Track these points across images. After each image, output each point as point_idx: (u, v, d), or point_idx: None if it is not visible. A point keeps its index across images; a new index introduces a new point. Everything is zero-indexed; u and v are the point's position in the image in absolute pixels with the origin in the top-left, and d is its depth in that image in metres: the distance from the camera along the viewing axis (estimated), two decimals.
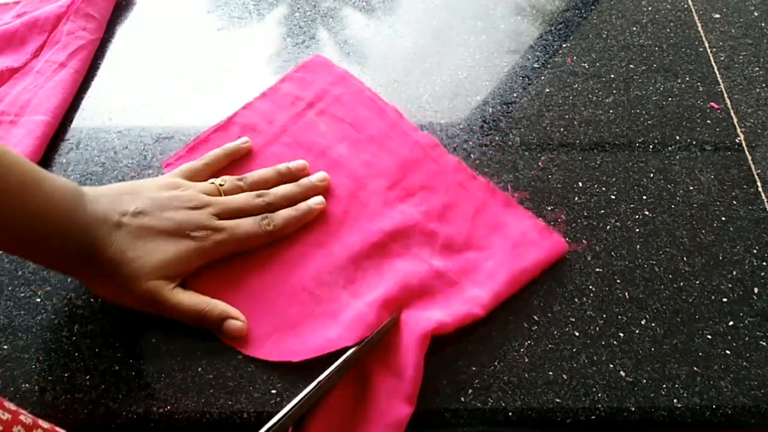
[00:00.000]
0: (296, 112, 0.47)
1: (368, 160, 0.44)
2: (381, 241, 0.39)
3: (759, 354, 0.35)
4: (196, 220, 0.36)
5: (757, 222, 0.41)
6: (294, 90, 0.49)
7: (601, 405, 0.34)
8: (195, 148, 0.45)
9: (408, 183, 0.43)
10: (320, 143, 0.45)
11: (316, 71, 0.50)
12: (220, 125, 0.47)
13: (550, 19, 0.56)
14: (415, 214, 0.41)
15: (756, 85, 0.50)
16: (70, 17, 0.53)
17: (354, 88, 0.48)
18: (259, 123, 0.47)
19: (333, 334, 0.35)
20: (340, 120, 0.46)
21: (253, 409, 0.34)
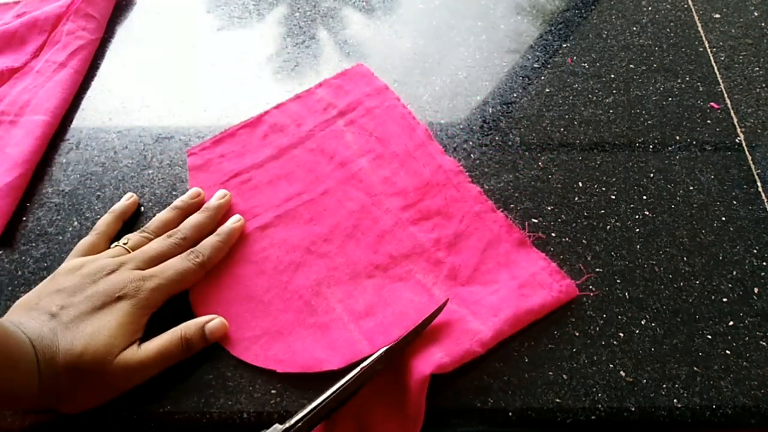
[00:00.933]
0: (326, 118, 0.47)
1: (388, 176, 0.43)
2: (385, 262, 0.39)
3: (759, 354, 0.35)
4: (120, 280, 0.34)
5: (757, 222, 0.41)
6: (329, 96, 0.48)
7: (601, 405, 0.34)
8: (221, 141, 0.46)
9: (424, 206, 0.42)
10: (343, 153, 0.45)
11: (354, 80, 0.49)
12: (249, 122, 0.47)
13: (550, 19, 0.56)
14: (425, 240, 0.40)
15: (756, 85, 0.50)
16: (70, 17, 0.53)
17: (389, 103, 0.47)
18: (288, 124, 0.47)
19: (321, 354, 0.35)
20: (367, 133, 0.46)
21: (253, 409, 0.34)
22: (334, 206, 0.42)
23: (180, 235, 0.38)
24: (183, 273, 0.36)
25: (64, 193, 0.44)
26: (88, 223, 0.42)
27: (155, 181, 0.44)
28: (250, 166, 0.45)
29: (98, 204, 0.43)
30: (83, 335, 0.32)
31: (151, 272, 0.35)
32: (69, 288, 0.34)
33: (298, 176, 0.44)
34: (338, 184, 0.43)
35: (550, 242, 0.41)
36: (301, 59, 0.53)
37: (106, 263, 0.36)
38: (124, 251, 0.37)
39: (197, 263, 0.37)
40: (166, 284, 0.35)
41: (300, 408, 0.32)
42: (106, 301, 0.34)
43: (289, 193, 0.43)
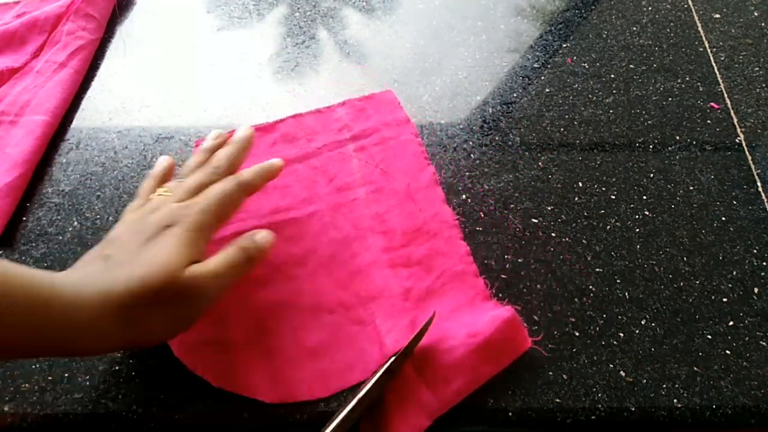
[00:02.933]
0: (338, 139, 0.46)
1: (380, 213, 0.42)
2: (351, 301, 0.38)
3: (759, 354, 0.35)
4: (165, 212, 0.34)
5: (757, 222, 0.41)
6: (347, 117, 0.47)
7: (601, 405, 0.34)
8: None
9: (407, 252, 0.40)
10: (343, 179, 0.44)
11: (378, 106, 0.48)
12: (262, 126, 0.47)
13: (550, 19, 0.56)
14: (397, 286, 0.38)
15: (756, 85, 0.50)
16: (70, 17, 0.53)
17: (405, 137, 0.46)
18: (299, 138, 0.46)
19: (258, 381, 0.34)
20: (374, 163, 0.44)
21: (253, 409, 0.34)
22: (317, 230, 0.41)
23: (213, 165, 0.38)
24: (226, 192, 0.35)
25: (64, 193, 0.44)
26: (88, 223, 0.42)
27: None
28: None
29: (98, 204, 0.43)
30: (141, 262, 0.31)
31: (194, 199, 0.35)
32: (118, 233, 0.34)
33: (292, 191, 0.43)
34: (328, 208, 0.42)
35: (550, 242, 0.41)
36: (301, 59, 0.53)
37: (149, 206, 0.35)
38: (165, 198, 0.37)
39: (236, 182, 0.36)
40: (213, 203, 0.35)
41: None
42: (156, 231, 0.33)
43: (277, 206, 0.42)
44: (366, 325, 0.37)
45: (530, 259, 0.40)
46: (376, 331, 0.36)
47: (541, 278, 0.39)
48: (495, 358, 0.34)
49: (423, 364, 0.34)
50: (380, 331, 0.36)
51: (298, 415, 0.33)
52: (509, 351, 0.35)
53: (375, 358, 0.35)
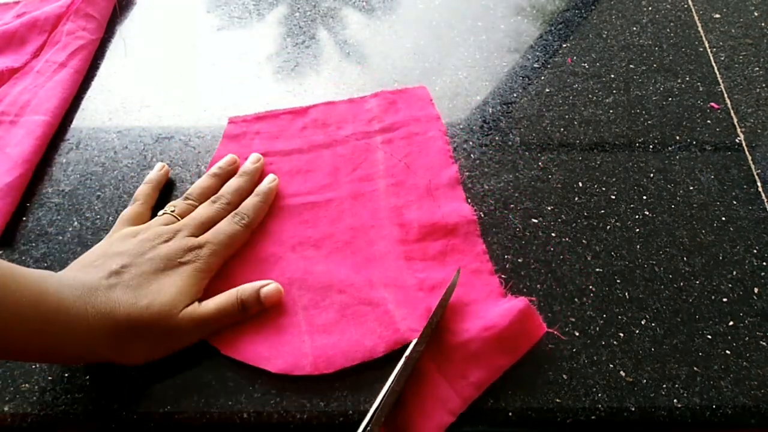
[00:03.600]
0: (366, 130, 0.46)
1: (399, 206, 0.42)
2: (361, 285, 0.38)
3: (759, 354, 0.35)
4: (179, 246, 0.36)
5: (758, 222, 0.41)
6: (378, 109, 0.48)
7: (601, 405, 0.34)
8: (262, 119, 0.47)
9: (422, 246, 0.40)
10: (367, 169, 0.44)
11: (410, 101, 0.48)
12: (295, 109, 0.48)
13: (550, 19, 0.56)
14: (410, 277, 0.38)
15: (756, 85, 0.50)
16: (70, 17, 0.53)
17: (433, 133, 0.46)
18: (330, 124, 0.47)
19: (266, 352, 0.35)
20: (399, 157, 0.44)
21: (253, 409, 0.34)
22: (335, 216, 0.42)
23: (224, 200, 0.40)
24: (232, 236, 0.38)
25: (64, 193, 0.44)
26: (88, 223, 0.42)
27: None
28: (277, 151, 0.45)
29: (98, 204, 0.43)
30: (148, 292, 0.34)
31: (205, 238, 0.38)
32: (129, 251, 0.36)
33: (315, 176, 0.44)
34: (349, 196, 0.43)
35: (550, 242, 0.41)
36: (301, 59, 0.53)
37: (161, 230, 0.37)
38: (173, 219, 0.39)
39: (243, 225, 0.39)
40: (221, 248, 0.38)
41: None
42: (168, 265, 0.35)
43: (298, 190, 0.43)
44: (376, 306, 0.37)
45: (530, 259, 0.40)
46: (388, 315, 0.36)
47: (541, 278, 0.39)
48: (511, 348, 0.35)
49: (442, 359, 0.34)
50: (394, 317, 0.36)
51: (299, 415, 0.33)
52: (525, 340, 0.35)
53: (387, 341, 0.35)
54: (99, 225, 0.42)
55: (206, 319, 0.35)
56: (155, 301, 0.33)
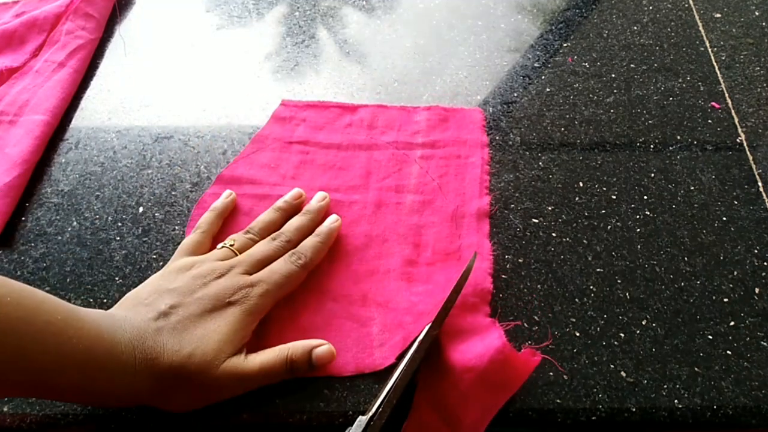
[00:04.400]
0: (409, 141, 0.46)
1: (418, 225, 0.41)
2: (355, 297, 0.38)
3: (760, 354, 0.35)
4: (230, 285, 0.35)
5: (758, 222, 0.41)
6: (426, 123, 0.47)
7: (601, 405, 0.34)
8: (312, 107, 0.48)
9: (427, 271, 0.39)
10: (397, 180, 0.43)
11: (461, 122, 0.47)
12: (346, 105, 0.48)
13: (551, 18, 0.56)
14: (404, 301, 0.37)
15: (757, 85, 0.50)
16: (69, 17, 0.53)
17: (474, 160, 0.44)
18: (375, 127, 0.47)
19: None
20: (433, 176, 0.43)
21: (253, 409, 0.34)
22: (354, 219, 0.41)
23: (284, 238, 0.39)
24: (288, 276, 0.36)
25: (63, 192, 0.44)
26: (87, 223, 0.42)
27: (154, 181, 0.44)
28: (317, 142, 0.45)
29: (97, 204, 0.43)
30: (192, 338, 0.32)
31: (259, 277, 0.36)
32: (180, 288, 0.34)
33: (346, 175, 0.44)
34: (373, 203, 0.42)
35: (550, 242, 0.40)
36: (301, 59, 0.52)
37: (216, 266, 0.36)
38: (231, 253, 0.38)
39: (300, 265, 0.37)
40: (274, 289, 0.36)
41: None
42: (216, 305, 0.34)
43: (328, 184, 0.43)
44: (362, 326, 0.37)
45: (530, 259, 0.40)
46: (369, 338, 0.36)
47: (541, 278, 0.39)
48: (499, 385, 0.33)
49: (438, 402, 0.33)
50: (373, 342, 0.36)
51: (299, 415, 0.33)
52: (512, 374, 0.33)
53: (358, 364, 0.35)
54: (98, 225, 0.42)
55: (249, 377, 0.33)
56: (198, 350, 0.32)
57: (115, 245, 0.40)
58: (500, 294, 0.38)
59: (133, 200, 0.43)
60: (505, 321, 0.37)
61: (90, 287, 0.38)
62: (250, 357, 0.33)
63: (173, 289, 0.34)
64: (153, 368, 0.31)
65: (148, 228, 0.41)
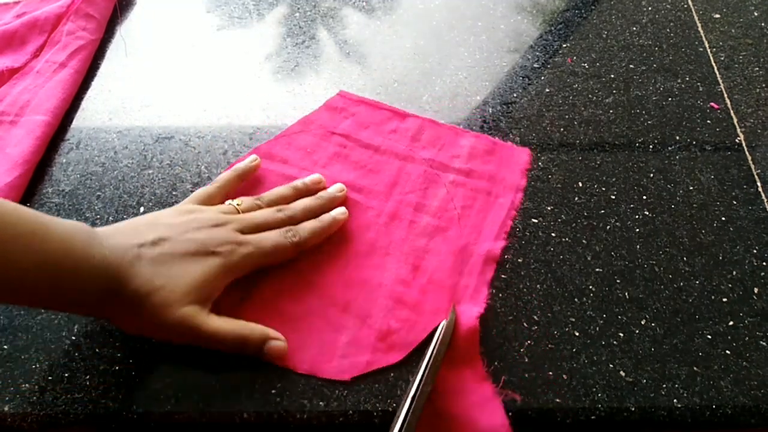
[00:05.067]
0: (445, 163, 0.44)
1: (422, 249, 0.40)
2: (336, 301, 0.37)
3: (759, 354, 0.35)
4: (219, 236, 0.35)
5: (757, 222, 0.41)
6: (468, 150, 0.45)
7: (601, 405, 0.34)
8: (365, 104, 0.48)
9: (419, 299, 0.37)
10: (420, 199, 0.42)
11: (505, 159, 0.45)
12: (398, 110, 0.48)
13: (550, 19, 0.56)
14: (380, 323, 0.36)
15: (756, 85, 0.50)
16: (70, 17, 0.53)
17: (503, 200, 0.42)
18: (417, 139, 0.46)
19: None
20: (457, 204, 0.42)
21: (253, 409, 0.34)
22: (366, 224, 0.41)
23: (289, 212, 0.39)
24: (276, 247, 0.37)
25: (64, 193, 0.44)
26: (88, 223, 0.42)
27: (155, 181, 0.44)
28: (357, 140, 0.46)
29: (98, 204, 0.43)
30: (167, 274, 0.33)
31: (248, 238, 0.36)
32: (173, 225, 0.35)
33: (373, 179, 0.43)
34: (389, 213, 0.42)
35: (550, 242, 0.41)
36: (301, 59, 0.53)
37: (213, 216, 0.37)
38: (235, 211, 0.38)
39: (292, 242, 0.37)
40: (258, 253, 0.36)
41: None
42: (200, 251, 0.34)
43: (353, 182, 0.43)
44: (333, 331, 0.36)
45: (530, 259, 0.40)
46: (333, 346, 0.36)
47: (540, 278, 0.39)
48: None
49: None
50: (335, 353, 0.35)
51: (299, 414, 0.33)
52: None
53: (311, 365, 0.35)
54: (99, 225, 0.42)
55: (202, 335, 0.33)
56: (166, 287, 0.32)
57: None
58: (500, 294, 0.38)
59: (134, 200, 0.43)
60: (505, 320, 0.37)
61: None
62: (211, 316, 0.34)
63: (167, 224, 0.35)
64: (121, 288, 0.32)
65: None
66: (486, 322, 0.36)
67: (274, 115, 0.48)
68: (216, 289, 0.35)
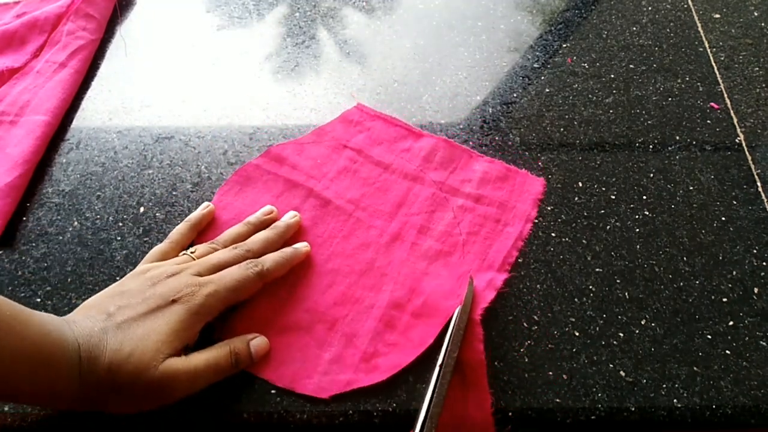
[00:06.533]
0: (455, 187, 0.43)
1: (423, 273, 0.39)
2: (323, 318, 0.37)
3: (759, 354, 0.35)
4: (177, 283, 0.34)
5: (757, 222, 0.41)
6: (480, 175, 0.44)
7: (601, 405, 0.34)
8: (382, 119, 0.47)
9: (409, 323, 0.37)
10: (424, 221, 0.41)
11: (518, 187, 0.43)
12: (413, 129, 0.46)
13: (550, 19, 0.56)
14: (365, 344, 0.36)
15: (756, 85, 0.50)
16: (70, 17, 0.53)
17: (511, 230, 0.41)
18: (430, 161, 0.44)
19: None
20: (463, 230, 0.41)
21: (253, 409, 0.34)
22: (361, 243, 0.40)
23: (245, 247, 0.38)
24: (240, 281, 0.35)
25: (64, 193, 0.44)
26: (88, 223, 0.42)
27: (155, 181, 0.44)
28: (369, 156, 0.45)
29: (98, 204, 0.43)
30: (134, 337, 0.31)
31: (209, 278, 0.35)
32: (130, 290, 0.34)
33: (379, 198, 0.42)
34: (388, 234, 0.41)
35: (550, 242, 0.41)
36: (301, 59, 0.53)
37: (168, 268, 0.36)
38: (190, 259, 0.37)
39: (255, 272, 0.36)
40: (222, 290, 0.35)
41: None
42: (160, 304, 0.33)
43: (358, 199, 0.42)
44: (317, 347, 0.36)
45: (530, 259, 0.40)
46: (317, 362, 0.35)
47: (540, 278, 0.39)
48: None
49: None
50: (317, 368, 0.35)
51: (299, 414, 0.33)
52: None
53: (292, 380, 0.34)
54: (99, 225, 0.42)
55: (192, 375, 0.32)
56: (137, 350, 0.31)
57: (116, 245, 0.41)
58: (499, 294, 0.38)
59: (134, 200, 0.43)
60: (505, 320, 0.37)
61: (91, 287, 0.39)
62: (192, 355, 0.33)
63: (124, 292, 0.34)
64: (96, 368, 0.30)
65: (149, 228, 0.42)
66: (486, 323, 0.36)
67: (274, 115, 0.48)
68: (189, 336, 0.33)
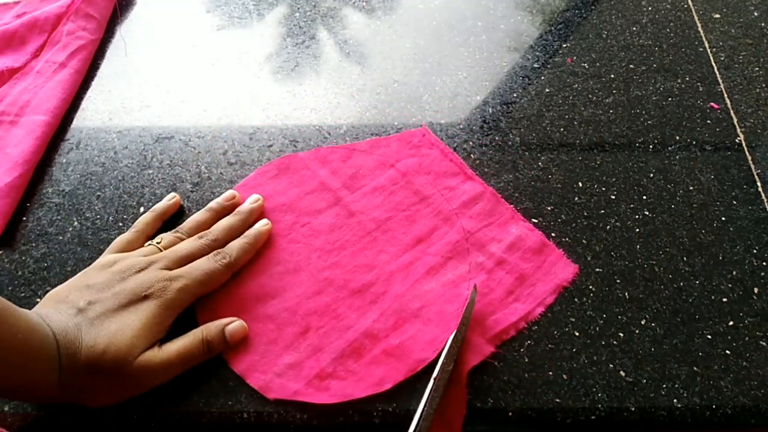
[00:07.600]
0: (486, 245, 0.40)
1: (414, 310, 0.37)
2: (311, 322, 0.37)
3: (759, 354, 0.35)
4: (147, 279, 0.34)
5: (757, 222, 0.41)
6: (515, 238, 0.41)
7: (600, 405, 0.34)
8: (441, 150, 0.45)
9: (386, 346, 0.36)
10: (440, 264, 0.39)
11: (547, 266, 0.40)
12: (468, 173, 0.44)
13: (550, 19, 0.56)
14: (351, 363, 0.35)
15: (756, 85, 0.50)
16: (70, 17, 0.53)
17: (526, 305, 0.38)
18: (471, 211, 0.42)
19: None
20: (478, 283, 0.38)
21: (253, 409, 0.34)
22: (363, 264, 0.39)
23: (211, 237, 0.38)
24: (209, 273, 0.36)
25: (64, 193, 0.44)
26: (88, 223, 0.42)
27: (155, 181, 0.44)
28: (410, 183, 0.43)
29: (98, 204, 0.43)
30: (107, 333, 0.32)
31: (179, 272, 0.36)
32: (98, 284, 0.35)
33: (402, 228, 0.41)
34: (396, 263, 0.39)
35: (550, 242, 0.41)
36: (301, 59, 0.53)
37: (136, 261, 0.36)
38: (157, 250, 0.38)
39: (223, 264, 0.37)
40: (193, 285, 0.35)
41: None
42: (132, 300, 0.34)
43: (378, 220, 0.41)
44: (285, 347, 0.36)
45: None
46: (276, 361, 0.35)
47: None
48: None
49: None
50: (275, 367, 0.35)
51: (299, 414, 0.33)
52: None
53: (249, 372, 0.35)
54: (99, 225, 0.42)
55: (166, 365, 0.33)
56: (111, 345, 0.32)
57: None
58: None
59: (134, 200, 0.43)
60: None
61: None
62: (165, 346, 0.34)
63: (92, 285, 0.34)
64: (74, 363, 0.31)
65: None
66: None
67: (274, 115, 0.48)
68: (162, 330, 0.34)
